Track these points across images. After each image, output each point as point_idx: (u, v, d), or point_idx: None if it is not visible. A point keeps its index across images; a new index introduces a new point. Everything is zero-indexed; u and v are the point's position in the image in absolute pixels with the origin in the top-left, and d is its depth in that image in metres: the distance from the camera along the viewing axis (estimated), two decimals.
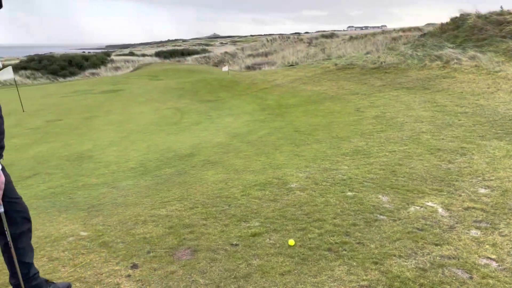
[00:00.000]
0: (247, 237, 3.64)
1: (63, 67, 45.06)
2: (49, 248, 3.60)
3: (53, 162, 7.33)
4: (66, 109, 15.23)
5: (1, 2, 2.15)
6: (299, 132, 7.99)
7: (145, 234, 3.81)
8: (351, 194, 4.50)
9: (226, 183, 5.15)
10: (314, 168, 5.56)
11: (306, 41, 46.75)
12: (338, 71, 15.83)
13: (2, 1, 2.14)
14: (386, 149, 6.16)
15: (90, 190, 5.45)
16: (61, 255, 3.47)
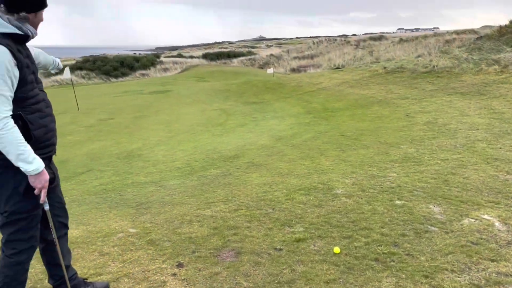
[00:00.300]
0: (291, 242, 3.60)
1: (116, 68, 46.97)
2: (100, 243, 3.74)
3: (105, 159, 7.65)
4: (118, 108, 15.89)
5: (45, 1, 2.19)
6: (345, 137, 7.84)
7: (191, 233, 3.87)
8: (400, 203, 4.35)
9: (270, 186, 5.13)
10: (360, 174, 5.43)
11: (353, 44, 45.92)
12: (387, 74, 15.40)
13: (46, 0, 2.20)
14: (438, 157, 5.90)
15: (139, 188, 5.62)
16: (111, 250, 3.59)
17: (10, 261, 2.28)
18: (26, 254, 2.33)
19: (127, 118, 13.30)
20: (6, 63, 1.95)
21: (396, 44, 31.91)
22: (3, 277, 2.29)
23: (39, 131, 2.19)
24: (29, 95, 2.15)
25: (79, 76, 42.54)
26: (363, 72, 17.01)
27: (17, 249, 2.28)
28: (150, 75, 44.78)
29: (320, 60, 38.67)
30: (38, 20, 2.20)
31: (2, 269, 2.29)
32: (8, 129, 1.96)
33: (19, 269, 2.32)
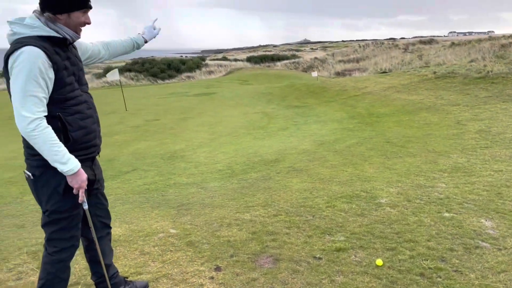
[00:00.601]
0: (331, 252, 3.50)
1: (163, 70, 48.28)
2: (141, 242, 3.81)
3: (149, 159, 7.85)
4: (163, 109, 16.30)
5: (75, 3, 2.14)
6: (390, 144, 7.58)
7: (229, 237, 3.86)
8: (448, 215, 4.12)
9: (310, 192, 5.04)
10: (406, 183, 5.21)
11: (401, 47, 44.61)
12: (437, 79, 14.77)
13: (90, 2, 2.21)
14: (491, 167, 5.56)
15: (180, 188, 5.70)
16: (152, 250, 3.65)
17: (52, 259, 2.33)
18: (68, 253, 2.37)
19: (172, 119, 13.61)
20: (39, 65, 1.98)
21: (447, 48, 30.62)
22: (46, 274, 2.34)
23: (78, 133, 2.22)
24: (69, 96, 2.17)
25: (128, 77, 44.11)
26: (411, 76, 16.43)
27: (58, 248, 2.32)
28: (195, 77, 45.71)
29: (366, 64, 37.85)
30: (74, 22, 2.15)
31: (45, 265, 2.35)
32: (40, 130, 1.99)
33: (61, 267, 2.36)
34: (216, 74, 46.13)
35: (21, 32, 2.05)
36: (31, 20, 2.07)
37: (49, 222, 2.28)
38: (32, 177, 2.20)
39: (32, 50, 1.97)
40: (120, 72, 40.45)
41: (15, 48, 1.98)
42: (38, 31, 2.06)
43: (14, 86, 1.98)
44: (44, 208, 2.27)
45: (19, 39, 2.03)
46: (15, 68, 1.96)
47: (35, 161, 2.16)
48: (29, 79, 1.95)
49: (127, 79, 43.35)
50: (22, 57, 1.95)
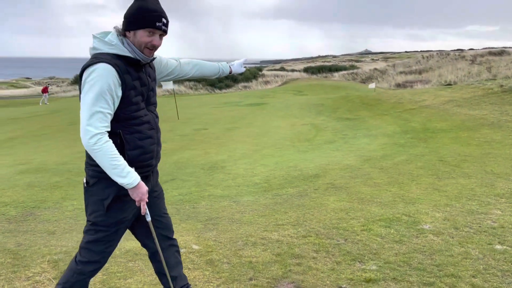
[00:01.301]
0: (359, 282, 3.17)
1: (220, 79, 49.31)
2: None
3: (190, 169, 7.84)
4: (214, 119, 16.48)
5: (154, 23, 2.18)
6: (443, 162, 6.97)
7: (252, 257, 3.65)
8: (500, 248, 3.62)
9: (346, 213, 4.69)
10: (456, 208, 4.70)
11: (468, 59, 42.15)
12: (504, 93, 13.61)
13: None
14: None
15: (213, 201, 5.58)
16: None
17: (76, 268, 2.36)
18: (92, 267, 2.38)
19: (220, 129, 13.68)
20: (109, 82, 2.07)
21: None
22: (65, 280, 2.37)
23: (135, 152, 2.25)
24: (132, 116, 2.22)
25: (187, 86, 45.48)
26: (475, 89, 15.30)
27: (86, 258, 2.35)
28: (251, 87, 46.18)
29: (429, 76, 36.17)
30: (139, 41, 2.18)
31: (68, 271, 2.39)
32: (101, 144, 2.05)
33: (80, 279, 2.38)
34: (272, 84, 46.31)
35: (99, 48, 2.16)
36: (111, 37, 2.18)
37: (88, 230, 2.33)
38: (86, 185, 2.29)
39: (105, 68, 2.06)
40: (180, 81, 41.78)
41: (91, 63, 2.09)
42: (114, 49, 2.14)
43: (84, 100, 2.07)
44: (88, 217, 2.34)
45: (96, 54, 2.14)
46: (88, 83, 2.06)
47: (90, 170, 2.25)
48: (98, 95, 2.05)
49: (186, 88, 44.70)
50: (96, 74, 2.05)
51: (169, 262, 2.62)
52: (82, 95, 2.10)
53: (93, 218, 2.28)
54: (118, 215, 2.29)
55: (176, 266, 2.70)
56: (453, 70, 34.17)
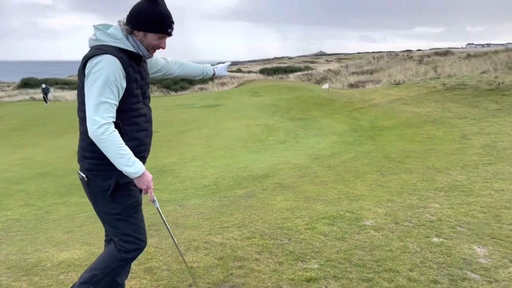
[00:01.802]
0: (300, 282, 3.14)
1: (176, 81, 48.54)
2: None
3: None
4: (166, 121, 16.15)
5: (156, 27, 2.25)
6: (388, 159, 7.17)
7: (193, 263, 3.54)
8: (437, 240, 3.72)
9: (292, 212, 4.68)
10: (397, 203, 4.82)
11: (416, 59, 43.98)
12: (446, 91, 14.29)
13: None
14: (492, 186, 5.12)
15: (160, 206, 5.40)
16: None
17: (119, 255, 2.40)
18: (135, 253, 2.44)
19: (171, 131, 13.41)
20: (115, 73, 2.10)
21: (463, 59, 30.02)
22: (104, 267, 2.41)
23: (132, 143, 2.27)
24: (131, 108, 2.27)
25: None
26: (421, 88, 15.97)
27: (125, 248, 2.39)
28: (208, 89, 45.80)
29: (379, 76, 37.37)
30: (148, 42, 2.26)
31: (106, 257, 2.43)
32: (108, 133, 2.08)
33: (121, 265, 2.46)
34: (229, 85, 46.18)
35: (103, 40, 2.19)
36: (115, 31, 2.21)
37: (110, 223, 2.39)
38: (86, 179, 2.30)
39: (111, 59, 2.09)
40: None
41: (95, 53, 2.10)
42: (119, 43, 2.19)
43: (91, 90, 2.08)
44: (95, 208, 2.39)
45: (100, 46, 2.16)
46: (93, 74, 2.07)
47: (86, 163, 2.28)
48: (105, 86, 2.07)
49: None
50: (101, 65, 2.07)
51: None
52: (87, 86, 2.10)
53: (106, 209, 2.33)
54: (126, 202, 2.34)
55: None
56: (402, 70, 35.51)
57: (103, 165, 2.22)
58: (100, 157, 2.19)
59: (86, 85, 2.11)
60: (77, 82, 2.23)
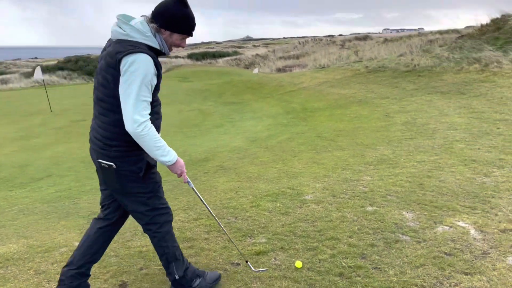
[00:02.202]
0: (250, 256, 3.28)
1: None
2: (39, 260, 3.36)
3: (68, 163, 7.23)
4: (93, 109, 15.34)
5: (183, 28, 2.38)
6: (321, 138, 7.54)
7: (142, 247, 3.53)
8: (371, 209, 4.06)
9: (236, 192, 4.80)
10: (333, 178, 5.13)
11: (339, 44, 45.86)
12: (369, 74, 15.20)
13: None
14: (414, 158, 5.64)
15: (96, 195, 5.23)
16: (49, 268, 3.23)
17: (159, 236, 2.62)
18: (167, 226, 2.64)
19: None
20: (151, 72, 2.21)
21: (381, 44, 31.95)
22: (163, 249, 2.65)
23: None
24: (153, 100, 2.37)
25: (60, 76, 41.55)
26: (345, 71, 16.80)
27: (158, 223, 2.59)
28: None
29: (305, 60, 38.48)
30: (172, 41, 2.40)
31: (158, 244, 2.65)
32: (147, 130, 2.22)
33: (170, 237, 2.67)
34: None
35: (134, 36, 2.26)
36: (143, 27, 2.28)
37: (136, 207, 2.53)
38: (115, 166, 2.37)
39: (146, 58, 2.18)
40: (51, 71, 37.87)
41: (130, 51, 2.17)
42: (148, 40, 2.28)
43: (130, 89, 2.17)
44: (121, 193, 2.51)
45: (132, 43, 2.23)
46: (131, 72, 2.15)
47: (112, 152, 2.37)
48: (142, 85, 2.18)
49: (59, 78, 40.79)
50: (138, 64, 2.16)
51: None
52: (124, 83, 2.17)
53: (137, 191, 2.46)
54: (154, 179, 2.54)
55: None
56: (326, 54, 36.85)
57: (132, 151, 2.38)
58: (128, 144, 2.34)
59: (123, 83, 2.18)
60: (103, 74, 2.30)
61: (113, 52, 2.22)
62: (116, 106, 2.26)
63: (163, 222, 2.62)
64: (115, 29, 2.30)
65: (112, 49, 2.25)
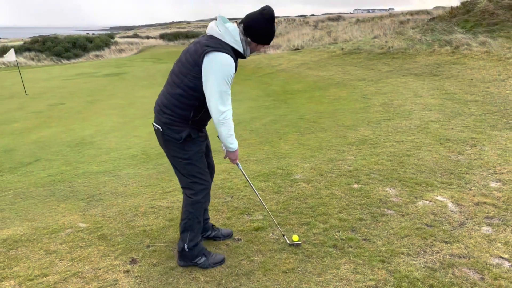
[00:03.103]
0: (249, 232, 3.53)
1: (67, 49, 44.64)
2: (47, 241, 3.51)
3: (54, 148, 7.24)
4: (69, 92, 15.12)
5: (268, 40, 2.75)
6: (304, 120, 7.82)
7: (145, 226, 3.72)
8: (357, 186, 4.37)
9: (229, 173, 5.03)
10: (319, 158, 5.42)
11: (312, 24, 45.95)
12: (345, 56, 15.53)
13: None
14: (393, 138, 6.00)
15: (90, 178, 5.35)
16: (59, 248, 3.38)
17: (191, 201, 2.92)
18: (202, 194, 2.93)
19: (79, 102, 12.67)
20: (232, 71, 2.59)
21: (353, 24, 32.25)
22: (187, 214, 2.94)
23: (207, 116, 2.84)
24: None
25: (27, 58, 40.12)
26: (322, 53, 17.06)
27: (194, 190, 2.90)
28: (104, 56, 43.01)
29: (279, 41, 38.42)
30: (255, 48, 2.77)
31: (185, 208, 2.95)
32: (227, 119, 2.67)
33: (198, 207, 2.94)
34: (128, 52, 43.85)
35: (224, 37, 2.63)
36: (235, 33, 2.64)
37: (182, 168, 2.87)
38: (161, 130, 2.77)
39: (229, 59, 2.56)
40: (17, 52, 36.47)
41: (217, 49, 2.55)
42: (235, 44, 2.64)
43: (211, 83, 2.56)
44: (169, 155, 2.90)
45: (220, 42, 2.60)
46: (213, 67, 2.53)
47: (163, 117, 2.76)
48: (223, 80, 2.55)
49: (26, 59, 39.41)
50: (221, 62, 2.53)
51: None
52: (209, 75, 2.55)
53: (175, 153, 2.82)
54: (193, 149, 2.83)
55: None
56: (300, 35, 36.88)
57: (178, 122, 2.74)
58: (177, 115, 2.72)
59: (208, 75, 2.55)
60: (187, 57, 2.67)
61: (204, 44, 2.60)
62: (184, 84, 2.67)
63: (199, 190, 2.91)
64: (213, 26, 2.69)
65: (205, 41, 2.63)
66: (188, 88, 2.67)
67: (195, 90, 2.66)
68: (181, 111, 2.72)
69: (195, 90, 2.66)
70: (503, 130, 5.89)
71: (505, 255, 2.96)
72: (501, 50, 11.12)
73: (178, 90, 2.70)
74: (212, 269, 2.99)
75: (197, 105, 2.72)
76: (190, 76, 2.64)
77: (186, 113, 2.73)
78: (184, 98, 2.70)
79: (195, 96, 2.68)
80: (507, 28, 12.63)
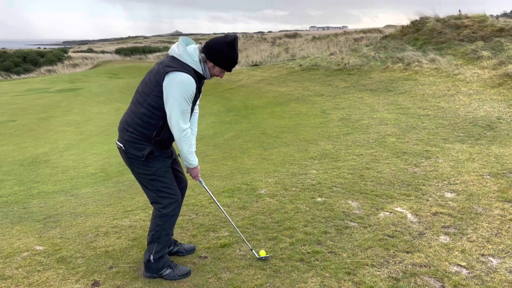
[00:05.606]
0: (216, 249, 3.49)
1: (17, 63, 42.86)
2: (1, 266, 3.30)
3: (5, 167, 6.86)
4: (20, 108, 14.44)
5: (226, 66, 2.84)
6: (266, 135, 7.89)
7: (107, 247, 3.58)
8: (321, 200, 4.45)
9: (193, 190, 4.96)
10: (282, 172, 5.48)
11: (269, 41, 46.77)
12: (303, 72, 15.90)
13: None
14: (353, 152, 6.17)
15: (46, 198, 5.10)
16: (14, 272, 3.19)
17: (162, 213, 2.94)
18: (173, 206, 2.97)
19: (31, 119, 12.12)
20: (192, 90, 2.69)
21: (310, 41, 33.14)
22: (154, 226, 2.97)
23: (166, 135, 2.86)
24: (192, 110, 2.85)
25: None
26: (280, 69, 17.38)
27: (163, 204, 2.94)
28: (57, 71, 41.60)
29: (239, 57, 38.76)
30: (214, 71, 2.85)
31: (154, 220, 2.98)
32: (187, 136, 2.76)
33: (167, 220, 2.96)
34: (82, 67, 42.65)
35: (184, 58, 2.73)
36: (194, 53, 2.74)
37: (148, 185, 2.91)
38: (124, 148, 2.83)
39: (190, 78, 2.66)
40: None
41: (179, 70, 2.65)
42: (194, 65, 2.74)
43: (171, 102, 2.65)
44: (134, 172, 2.94)
45: (181, 63, 2.71)
46: (173, 86, 2.63)
47: (126, 135, 2.82)
48: (183, 98, 2.65)
49: None
50: (181, 81, 2.63)
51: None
52: (169, 95, 2.64)
53: (141, 172, 2.87)
54: (156, 165, 2.87)
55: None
56: (258, 51, 37.38)
57: (140, 140, 2.80)
58: (139, 134, 2.78)
59: (169, 93, 2.64)
60: (150, 77, 2.77)
61: (165, 65, 2.71)
62: (146, 103, 2.74)
63: (167, 204, 2.95)
64: (174, 48, 2.79)
65: (167, 62, 2.74)
66: (151, 107, 2.74)
67: (158, 109, 2.73)
68: (144, 130, 2.78)
69: (158, 109, 2.73)
70: (455, 143, 6.22)
71: (462, 263, 3.10)
72: (449, 67, 11.81)
73: (142, 109, 2.77)
74: (179, 287, 2.93)
75: (159, 124, 2.78)
76: (152, 95, 2.72)
77: (148, 132, 2.79)
78: (147, 117, 2.76)
79: (158, 115, 2.75)
80: (454, 46, 13.45)
